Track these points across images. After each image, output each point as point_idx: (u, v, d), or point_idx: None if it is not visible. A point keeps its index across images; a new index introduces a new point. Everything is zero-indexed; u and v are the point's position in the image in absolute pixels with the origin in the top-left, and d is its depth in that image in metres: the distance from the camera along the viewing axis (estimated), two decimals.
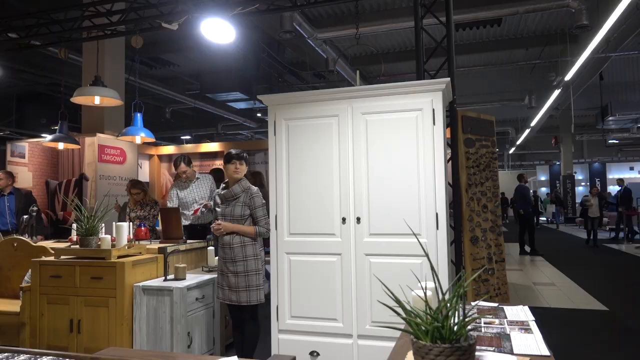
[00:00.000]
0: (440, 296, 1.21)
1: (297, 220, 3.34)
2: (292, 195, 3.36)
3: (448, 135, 3.95)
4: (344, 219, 3.22)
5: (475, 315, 1.82)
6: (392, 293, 1.26)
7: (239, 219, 3.35)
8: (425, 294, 1.22)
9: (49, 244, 4.39)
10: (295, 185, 3.36)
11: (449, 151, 4.12)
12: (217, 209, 3.46)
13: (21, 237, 4.32)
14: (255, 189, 3.45)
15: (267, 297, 3.42)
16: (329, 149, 3.30)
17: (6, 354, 1.94)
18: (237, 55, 9.32)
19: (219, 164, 10.08)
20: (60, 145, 5.45)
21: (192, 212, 4.91)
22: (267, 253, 3.51)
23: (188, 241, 4.30)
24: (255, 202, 3.39)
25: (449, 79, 3.18)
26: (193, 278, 3.67)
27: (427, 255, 1.27)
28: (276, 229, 3.38)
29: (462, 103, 11.63)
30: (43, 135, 9.13)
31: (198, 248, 4.31)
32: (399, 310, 1.23)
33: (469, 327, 1.19)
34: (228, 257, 3.36)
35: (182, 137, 14.76)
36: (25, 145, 6.85)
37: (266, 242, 3.49)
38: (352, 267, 3.19)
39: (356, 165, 3.23)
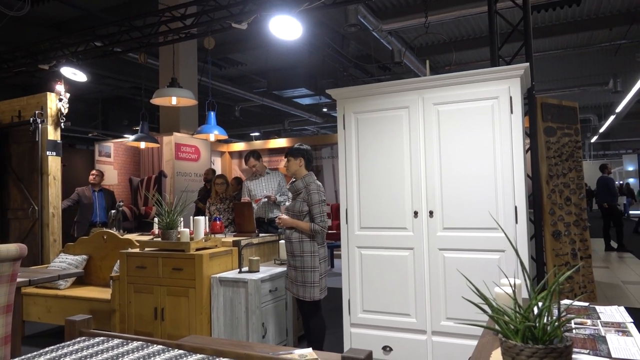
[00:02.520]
0: (526, 294, 1.14)
1: (368, 214, 3.32)
2: (363, 189, 3.34)
3: (526, 124, 3.74)
4: (415, 213, 3.16)
5: (571, 315, 1.70)
6: (477, 289, 1.21)
7: (298, 215, 3.32)
8: (514, 291, 1.16)
9: (133, 236, 4.70)
10: (365, 178, 3.34)
11: (527, 141, 3.89)
12: (287, 203, 3.51)
13: (110, 231, 4.66)
14: (315, 185, 3.33)
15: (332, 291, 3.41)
16: (399, 142, 3.24)
17: (102, 338, 2.10)
18: (302, 52, 9.42)
19: None
20: (142, 145, 5.80)
21: (255, 201, 5.06)
22: (338, 247, 3.49)
23: (260, 235, 4.42)
24: (312, 198, 3.28)
25: (527, 64, 3.00)
26: (266, 270, 3.77)
27: (515, 250, 1.20)
28: (347, 223, 3.38)
29: (539, 90, 10.97)
30: (125, 135, 9.78)
31: (270, 241, 4.42)
32: (485, 307, 1.17)
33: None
34: (289, 251, 3.40)
35: (251, 134, 15.19)
36: (110, 145, 7.38)
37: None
38: (425, 261, 3.12)
39: (428, 157, 3.14)
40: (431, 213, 3.11)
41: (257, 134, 15.30)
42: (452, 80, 3.07)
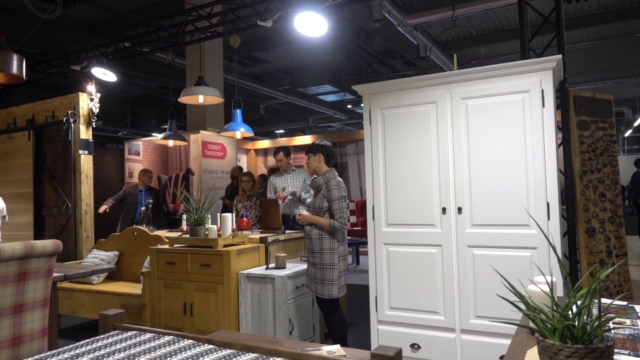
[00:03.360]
0: (561, 292, 1.11)
1: (395, 211, 3.29)
2: (389, 185, 3.32)
3: (558, 118, 3.64)
4: (444, 209, 3.11)
5: (610, 314, 1.65)
6: (512, 287, 1.18)
7: (318, 211, 3.30)
8: (551, 289, 1.12)
9: (163, 233, 4.79)
10: (392, 175, 3.31)
11: (559, 135, 3.79)
12: (308, 200, 3.51)
13: (140, 227, 4.76)
14: (335, 181, 3.30)
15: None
16: (426, 137, 3.20)
17: (134, 332, 2.15)
18: (326, 49, 9.40)
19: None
20: (170, 143, 5.91)
21: (281, 199, 5.08)
22: (364, 244, 3.47)
23: (286, 231, 4.44)
24: (332, 194, 3.25)
25: (559, 56, 2.91)
26: (292, 267, 3.79)
27: (553, 247, 1.16)
28: (373, 219, 3.36)
29: (572, 83, 10.65)
30: (154, 134, 9.97)
31: (296, 238, 4.43)
32: (520, 305, 1.14)
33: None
34: (308, 248, 3.39)
35: (276, 132, 15.28)
36: (139, 144, 7.54)
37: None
38: (453, 259, 3.08)
39: (456, 152, 3.09)
40: (460, 209, 3.06)
41: (282, 131, 15.38)
42: (481, 73, 3.01)
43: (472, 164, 3.04)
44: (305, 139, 10.53)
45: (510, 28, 9.50)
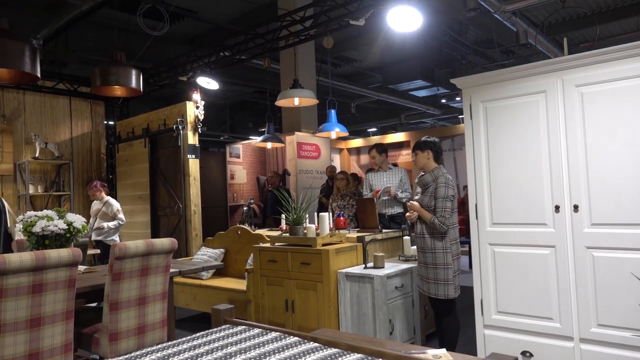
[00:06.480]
0: None
1: (500, 209, 3.10)
2: (494, 182, 3.13)
3: None
4: (557, 207, 2.86)
5: None
6: None
7: (426, 209, 3.25)
8: None
9: (263, 232, 5.00)
10: (496, 171, 3.12)
11: None
12: (415, 197, 3.43)
13: (243, 226, 5.01)
14: (443, 178, 3.22)
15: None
16: (534, 129, 2.97)
17: (243, 327, 2.26)
18: (417, 43, 9.17)
19: (405, 153, 10.12)
20: (269, 145, 6.15)
21: (372, 193, 5.03)
22: (462, 243, 3.32)
23: (384, 230, 4.39)
24: (438, 192, 3.18)
25: None
26: (391, 267, 3.74)
27: None
28: (477, 218, 3.20)
29: None
30: (251, 137, 10.47)
31: (394, 237, 4.37)
32: None
33: None
34: (419, 247, 3.32)
35: (368, 130, 15.25)
36: (239, 147, 7.96)
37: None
38: (569, 261, 2.82)
39: (570, 145, 2.83)
40: (576, 207, 2.80)
41: (374, 129, 15.31)
42: (599, 57, 2.72)
43: (589, 158, 2.76)
44: (398, 137, 10.38)
45: (625, 4, 8.53)
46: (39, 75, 2.98)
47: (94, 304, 3.37)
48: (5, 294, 2.21)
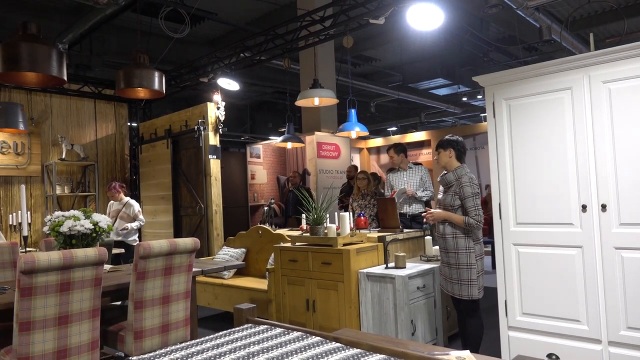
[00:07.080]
0: None
1: (525, 209, 3.04)
2: (518, 181, 3.08)
3: None
4: (584, 207, 2.80)
5: None
6: None
7: (449, 208, 3.20)
8: None
9: (284, 231, 5.02)
10: (520, 169, 3.07)
11: None
12: (439, 196, 3.40)
13: (264, 226, 5.04)
14: (467, 177, 3.18)
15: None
16: (560, 127, 2.91)
17: (265, 326, 2.27)
18: (437, 41, 9.06)
19: (425, 152, 10.04)
20: (289, 145, 6.17)
21: (390, 193, 5.00)
22: (485, 243, 3.27)
23: (405, 230, 4.36)
24: (465, 191, 3.13)
25: None
26: (413, 267, 3.71)
27: None
28: (500, 218, 3.15)
29: None
30: (271, 137, 10.51)
31: (415, 237, 4.33)
32: None
33: None
34: (442, 247, 3.28)
35: (388, 129, 15.17)
36: (259, 147, 8.00)
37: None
38: (597, 262, 2.75)
39: (597, 143, 2.76)
40: (604, 207, 2.73)
41: (394, 128, 15.21)
42: (627, 52, 2.65)
43: (618, 156, 2.69)
44: (418, 136, 10.30)
45: None
46: (65, 78, 3.04)
47: (119, 303, 3.43)
48: (35, 292, 2.27)
